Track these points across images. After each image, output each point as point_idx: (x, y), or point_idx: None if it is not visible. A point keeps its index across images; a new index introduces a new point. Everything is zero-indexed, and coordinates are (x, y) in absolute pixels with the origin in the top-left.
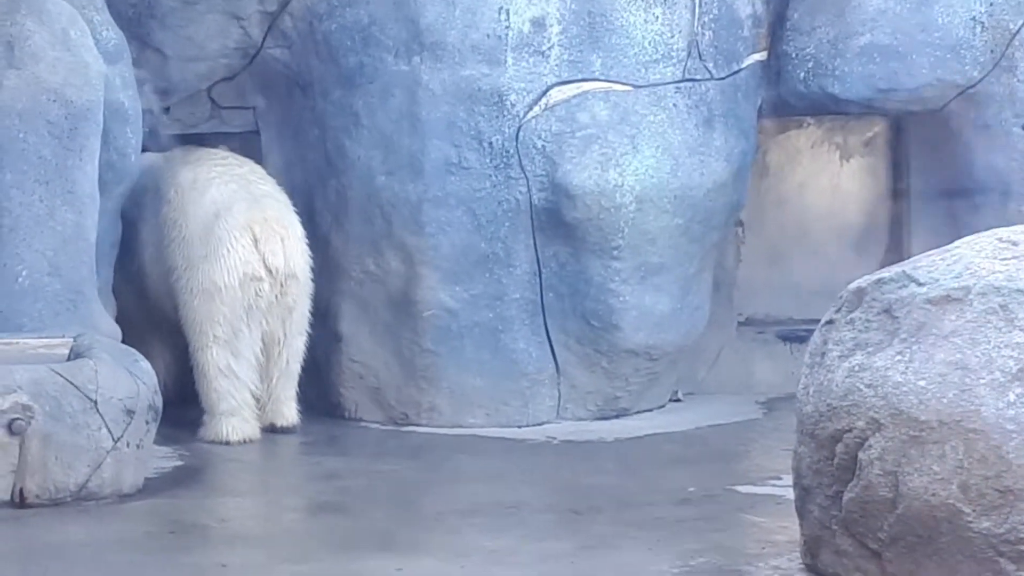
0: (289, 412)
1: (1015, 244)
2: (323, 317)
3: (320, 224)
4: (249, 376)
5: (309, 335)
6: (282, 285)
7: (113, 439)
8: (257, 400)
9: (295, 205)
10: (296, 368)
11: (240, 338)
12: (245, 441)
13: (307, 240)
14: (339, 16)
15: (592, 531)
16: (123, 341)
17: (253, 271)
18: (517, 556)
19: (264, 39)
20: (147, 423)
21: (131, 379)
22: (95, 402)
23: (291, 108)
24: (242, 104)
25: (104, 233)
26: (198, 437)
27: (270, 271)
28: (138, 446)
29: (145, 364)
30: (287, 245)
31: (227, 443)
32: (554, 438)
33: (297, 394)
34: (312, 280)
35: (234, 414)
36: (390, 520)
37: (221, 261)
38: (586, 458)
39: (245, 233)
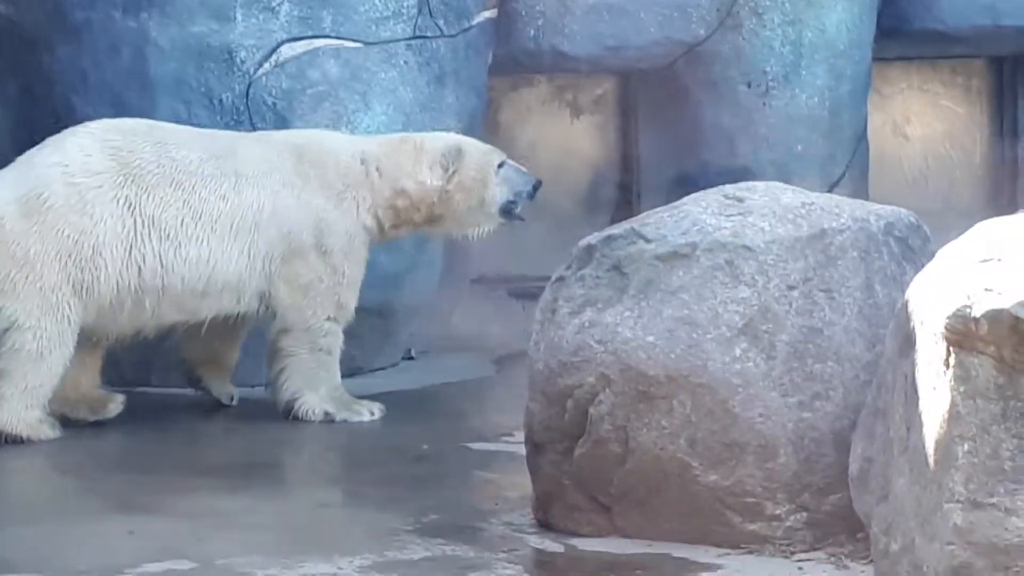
0: None
1: (740, 201)
2: None
3: None
4: None
5: None
6: None
7: None
8: None
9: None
10: None
11: None
12: None
13: None
14: None
15: (326, 489)
16: None
17: None
18: (252, 516)
19: None
20: None
21: None
22: None
23: (17, 65)
24: None
25: None
26: None
27: None
28: None
29: None
30: None
31: None
32: None
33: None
34: None
35: None
36: (123, 483)
37: None
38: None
39: None
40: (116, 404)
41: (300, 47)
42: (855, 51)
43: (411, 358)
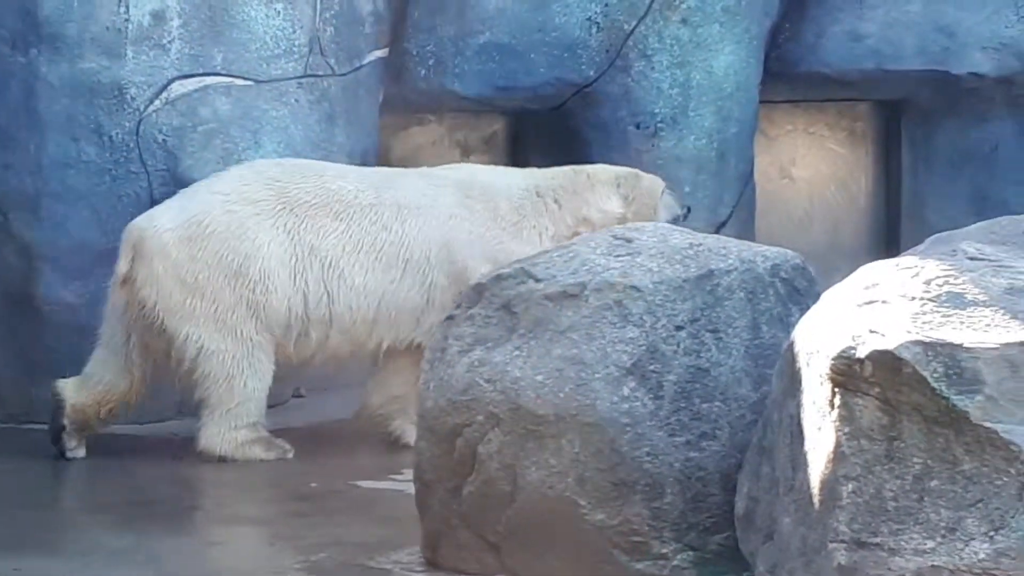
0: None
1: (629, 241)
2: None
3: None
4: None
5: None
6: None
7: None
8: None
9: None
10: None
11: None
12: None
13: None
14: None
15: (215, 527)
16: None
17: None
18: (141, 554)
19: None
20: None
21: None
22: None
23: None
24: None
25: None
26: None
27: None
28: None
29: None
30: None
31: None
32: (177, 435)
33: None
34: None
35: None
36: (9, 520)
37: None
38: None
39: None
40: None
41: (191, 84)
42: (742, 94)
43: (300, 396)
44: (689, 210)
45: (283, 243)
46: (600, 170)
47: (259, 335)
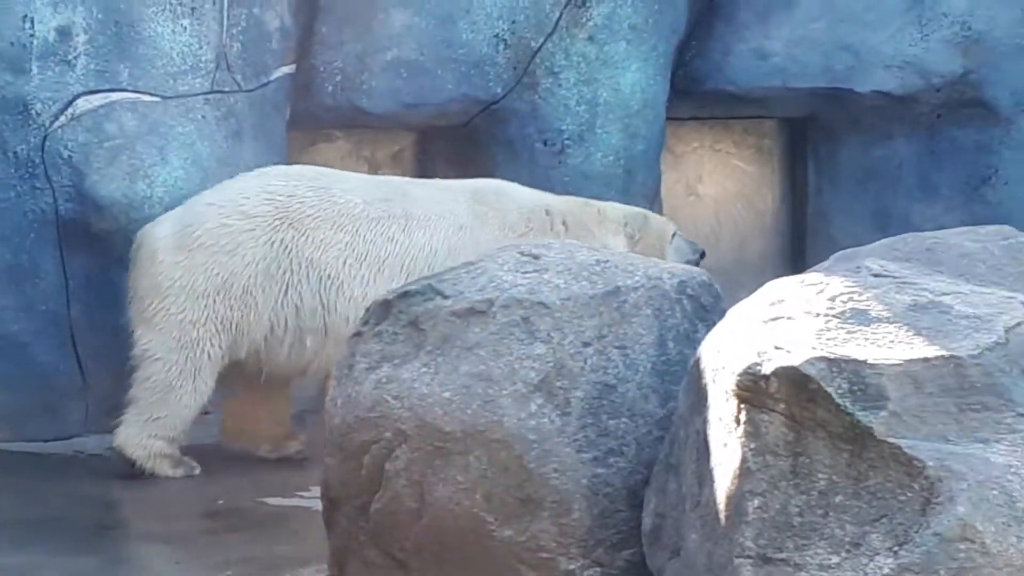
0: None
1: (536, 258)
2: None
3: None
4: None
5: None
6: None
7: None
8: None
9: None
10: None
11: None
12: None
13: None
14: None
15: (120, 546)
16: None
17: None
18: (43, 572)
19: None
20: None
21: None
22: None
23: None
24: None
25: None
26: None
27: None
28: None
29: None
30: None
31: None
32: (82, 452)
33: None
34: None
35: None
36: None
37: None
38: (115, 472)
39: None
40: (297, 443)
41: (97, 100)
42: (649, 111)
43: (207, 412)
44: (703, 255)
45: (276, 259)
46: (610, 207)
47: (219, 350)
